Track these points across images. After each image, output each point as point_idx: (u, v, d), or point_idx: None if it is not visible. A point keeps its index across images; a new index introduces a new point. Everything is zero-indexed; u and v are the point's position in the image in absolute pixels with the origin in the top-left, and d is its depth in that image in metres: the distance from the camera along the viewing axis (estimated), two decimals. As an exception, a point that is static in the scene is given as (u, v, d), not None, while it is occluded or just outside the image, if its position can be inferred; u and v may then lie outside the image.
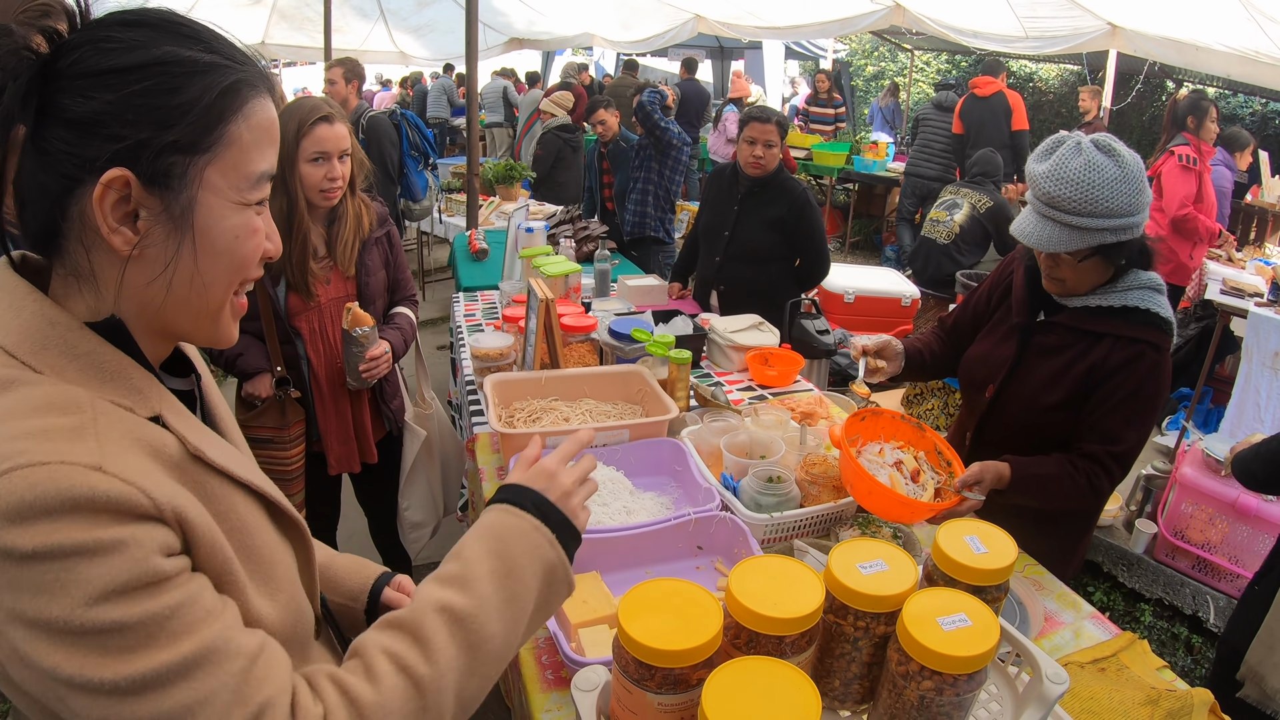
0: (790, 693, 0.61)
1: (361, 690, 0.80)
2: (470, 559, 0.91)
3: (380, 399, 2.70)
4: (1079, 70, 9.92)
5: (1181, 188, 4.68)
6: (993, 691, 0.87)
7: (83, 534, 0.68)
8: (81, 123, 0.73)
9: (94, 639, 0.68)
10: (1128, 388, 1.86)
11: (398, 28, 10.47)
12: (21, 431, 0.70)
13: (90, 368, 0.78)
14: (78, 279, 0.80)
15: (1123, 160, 1.76)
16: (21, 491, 0.67)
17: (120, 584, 0.69)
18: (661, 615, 0.69)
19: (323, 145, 2.28)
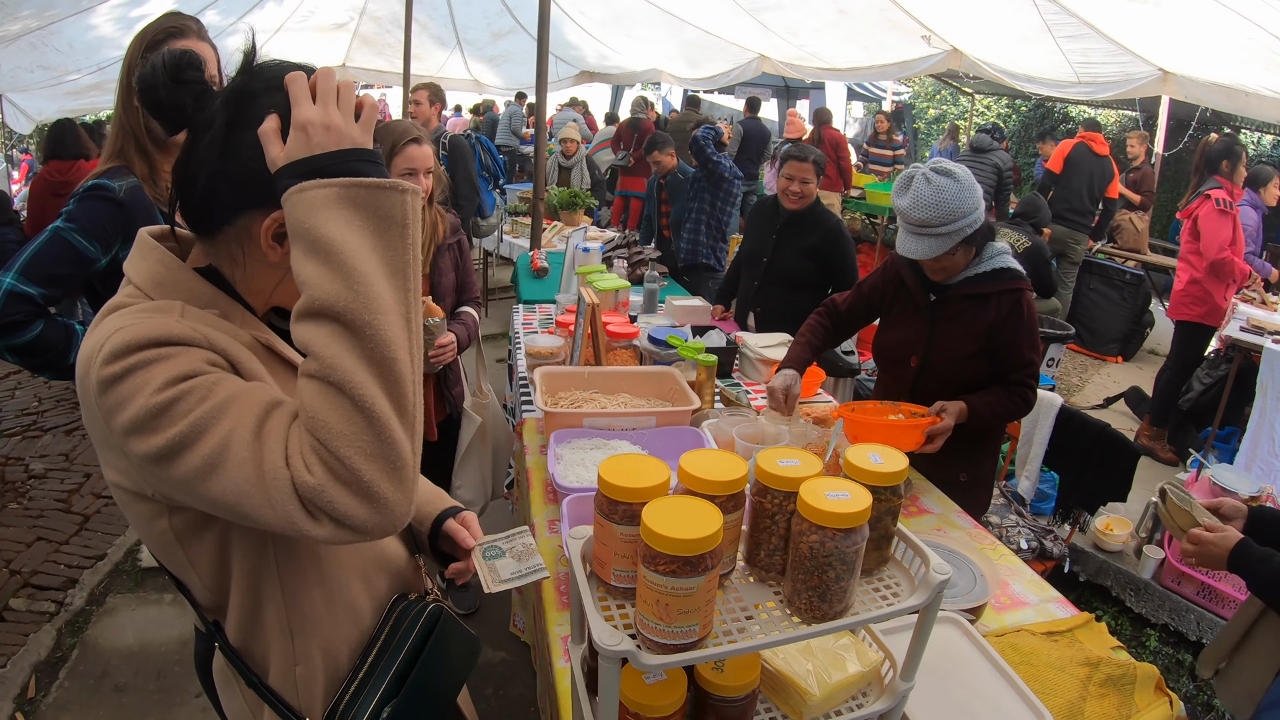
0: (704, 511, 0.89)
1: (301, 412, 0.90)
2: (308, 270, 0.91)
3: (444, 384, 3.06)
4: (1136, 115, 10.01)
5: (1221, 232, 4.79)
6: (897, 582, 1.16)
7: (156, 354, 0.92)
8: (261, 174, 0.95)
9: (162, 416, 0.89)
10: (1019, 324, 2.47)
11: (473, 57, 10.93)
12: (132, 315, 0.98)
13: (191, 296, 1.04)
14: (221, 259, 1.08)
15: (957, 176, 2.32)
16: (122, 338, 0.92)
17: (179, 373, 0.92)
18: (629, 471, 0.97)
19: (412, 163, 2.66)
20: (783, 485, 1.03)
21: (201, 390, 0.92)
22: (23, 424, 5.50)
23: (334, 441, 0.88)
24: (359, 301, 0.89)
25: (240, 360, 1.00)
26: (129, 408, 0.91)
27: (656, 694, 1.00)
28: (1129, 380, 6.19)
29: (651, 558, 0.87)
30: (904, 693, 1.17)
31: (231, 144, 0.99)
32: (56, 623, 3.43)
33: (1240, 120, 10.03)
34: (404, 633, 1.21)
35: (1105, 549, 3.70)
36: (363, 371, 0.89)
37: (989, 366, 2.53)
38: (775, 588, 1.09)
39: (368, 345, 0.89)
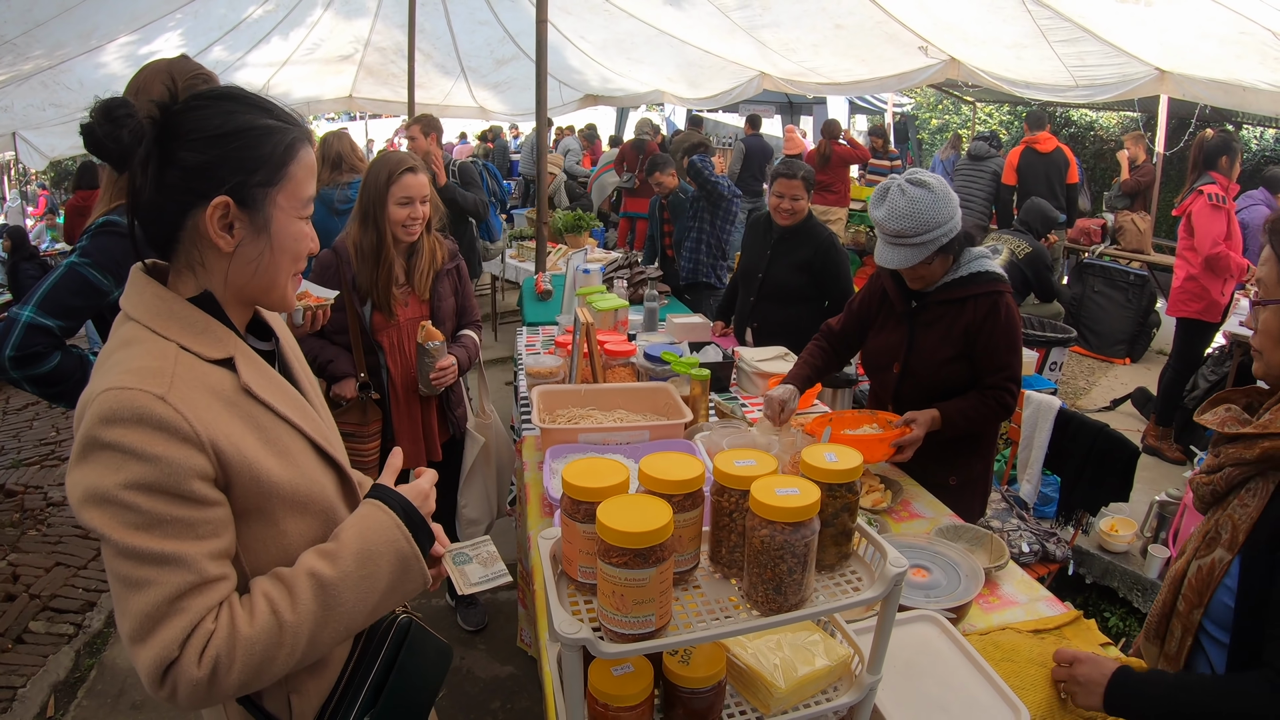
0: (656, 507, 0.95)
1: (242, 624, 1.07)
2: (344, 539, 1.18)
3: (446, 406, 3.14)
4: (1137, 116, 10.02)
5: (1213, 227, 4.83)
6: (859, 577, 1.21)
7: (137, 441, 1.02)
8: (196, 168, 1.11)
9: (117, 509, 1.01)
10: (998, 328, 2.50)
11: (477, 84, 11.03)
12: (127, 369, 1.07)
13: (185, 325, 1.14)
14: (189, 268, 1.17)
15: (932, 187, 2.38)
16: (111, 403, 1.02)
17: (147, 482, 1.02)
18: (590, 473, 1.03)
19: (409, 191, 2.76)
20: (738, 484, 1.09)
21: (162, 528, 1.04)
22: (41, 453, 5.64)
23: (247, 664, 1.06)
24: (353, 611, 1.16)
25: (223, 448, 1.09)
26: (99, 476, 1.02)
27: (624, 685, 1.06)
28: (1136, 382, 6.19)
29: (606, 551, 0.93)
30: (870, 685, 1.21)
31: (165, 154, 1.11)
32: (75, 644, 3.52)
33: (1240, 116, 10.02)
34: (376, 645, 1.32)
35: (1110, 550, 3.72)
36: (319, 646, 1.13)
37: (970, 371, 2.58)
38: (738, 583, 1.14)
39: (324, 633, 1.13)
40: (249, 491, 1.13)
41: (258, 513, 1.15)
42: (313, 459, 1.25)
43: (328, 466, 1.29)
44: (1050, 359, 5.02)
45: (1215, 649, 1.51)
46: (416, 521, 1.26)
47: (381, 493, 1.27)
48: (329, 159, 4.25)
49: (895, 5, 6.33)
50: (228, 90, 1.19)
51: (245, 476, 1.12)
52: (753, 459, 1.11)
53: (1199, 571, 1.51)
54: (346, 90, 10.93)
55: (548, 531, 1.14)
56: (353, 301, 2.85)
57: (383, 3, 8.59)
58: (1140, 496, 3.47)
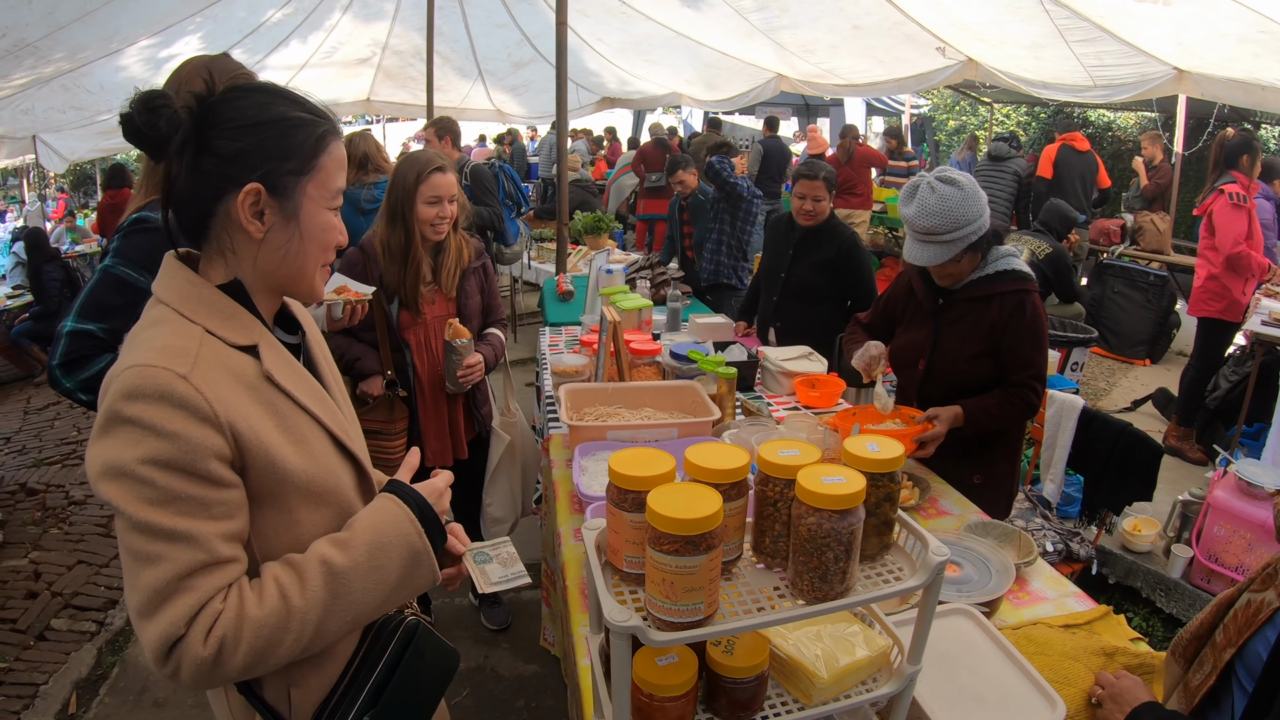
0: (705, 495, 0.96)
1: (251, 605, 1.09)
2: (356, 530, 1.21)
3: (472, 404, 3.16)
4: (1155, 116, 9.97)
5: (1235, 226, 4.81)
6: (900, 567, 1.21)
7: (158, 417, 1.04)
8: (230, 155, 1.15)
9: (133, 483, 1.03)
10: (1024, 326, 2.51)
11: (495, 87, 11.09)
12: (152, 346, 1.10)
13: (214, 311, 1.17)
14: (219, 255, 1.21)
15: (962, 184, 2.41)
16: (135, 379, 1.05)
17: (165, 458, 1.04)
18: (637, 463, 1.05)
19: (437, 190, 2.78)
20: (783, 473, 1.10)
21: (176, 505, 1.05)
22: (62, 452, 5.71)
23: (254, 646, 1.08)
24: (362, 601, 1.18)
25: (241, 431, 1.11)
26: (118, 450, 1.05)
27: (668, 675, 1.07)
28: (1157, 382, 6.16)
29: (657, 539, 0.94)
30: (911, 675, 1.22)
31: (201, 142, 1.14)
32: (97, 642, 3.56)
33: (1259, 115, 9.94)
34: (382, 644, 1.31)
35: (1134, 550, 3.70)
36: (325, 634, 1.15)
37: (995, 369, 2.58)
38: (781, 573, 1.16)
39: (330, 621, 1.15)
40: (264, 477, 1.15)
41: (271, 499, 1.17)
42: (331, 451, 1.27)
43: (346, 460, 1.31)
44: (1072, 359, 5.01)
45: (1241, 696, 1.39)
46: (429, 517, 1.28)
47: (396, 487, 1.29)
48: (355, 159, 4.29)
49: (913, 6, 6.33)
50: (263, 84, 1.23)
51: (261, 462, 1.14)
52: (796, 449, 1.12)
53: (1247, 607, 1.41)
54: (364, 93, 11.00)
55: (592, 522, 1.16)
56: (380, 299, 2.88)
57: (401, 6, 8.65)
58: (1162, 497, 3.45)
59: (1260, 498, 3.23)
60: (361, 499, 1.32)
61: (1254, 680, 1.34)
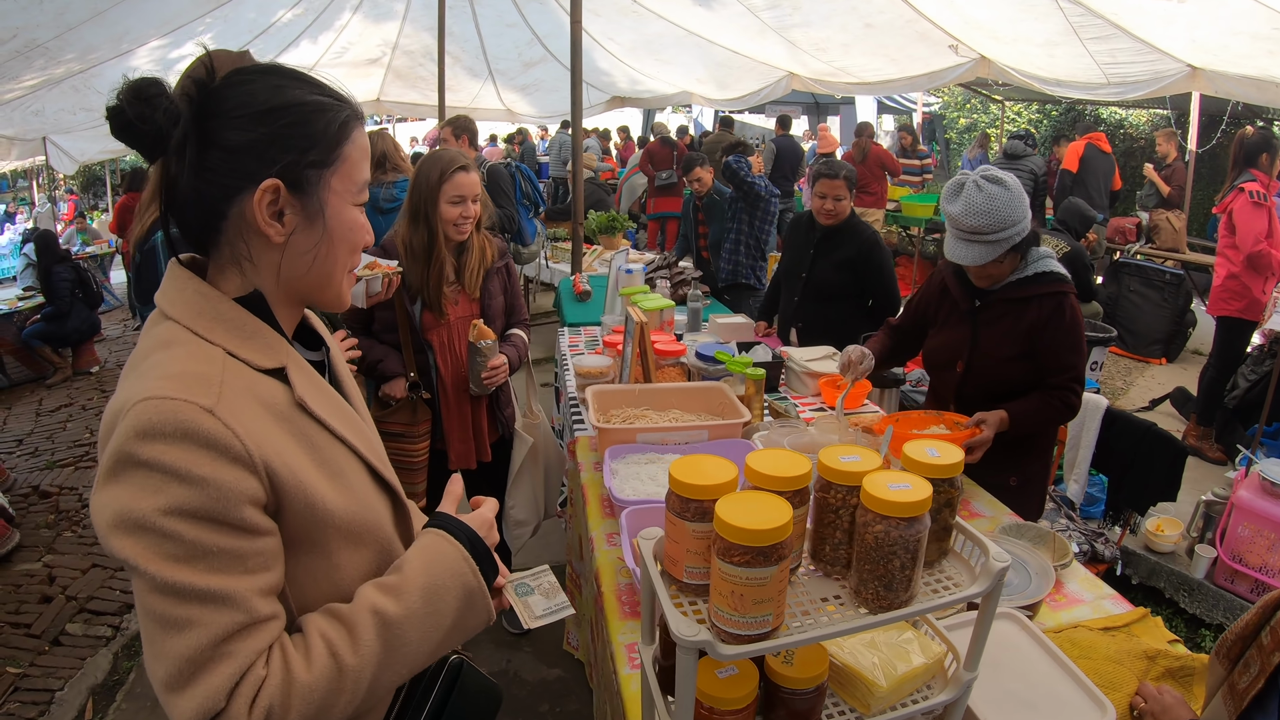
0: (774, 504, 0.94)
1: (298, 669, 0.96)
2: (408, 573, 1.08)
3: (495, 405, 3.15)
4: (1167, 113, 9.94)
5: (1255, 224, 4.79)
6: (957, 573, 1.20)
7: (184, 462, 0.90)
8: (241, 147, 1.00)
9: (154, 538, 0.89)
10: (1062, 327, 2.50)
11: (505, 87, 11.10)
12: (167, 374, 0.94)
13: (233, 328, 1.02)
14: (234, 265, 1.06)
15: (1008, 185, 2.39)
16: (150, 415, 0.90)
17: (191, 508, 0.90)
18: (699, 470, 1.02)
19: (460, 189, 2.76)
20: (846, 480, 1.08)
21: (207, 561, 0.91)
22: (75, 454, 5.72)
23: (304, 713, 0.96)
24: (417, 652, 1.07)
25: (276, 469, 0.98)
26: (133, 498, 0.90)
27: (730, 687, 1.06)
28: (1173, 381, 6.13)
29: (726, 550, 0.93)
30: (968, 683, 1.21)
31: (205, 135, 1.01)
32: (113, 647, 3.55)
33: (1272, 112, 9.90)
34: (426, 686, 1.23)
35: (1157, 550, 3.68)
36: (379, 690, 1.04)
37: (1033, 370, 2.57)
38: (841, 581, 1.14)
39: (386, 675, 1.04)
40: (302, 519, 1.02)
41: (309, 543, 1.04)
42: (369, 484, 1.15)
43: (383, 492, 1.19)
44: (1091, 359, 4.98)
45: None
46: (481, 553, 1.17)
47: (445, 522, 1.18)
48: (374, 158, 4.28)
49: (926, 4, 6.32)
50: (272, 65, 1.08)
51: (299, 503, 1.01)
52: (857, 454, 1.11)
53: None
54: (374, 93, 11.00)
55: (648, 531, 1.14)
56: (403, 300, 2.87)
57: (411, 6, 8.65)
58: (1183, 497, 3.43)
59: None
60: (399, 533, 1.21)
61: None
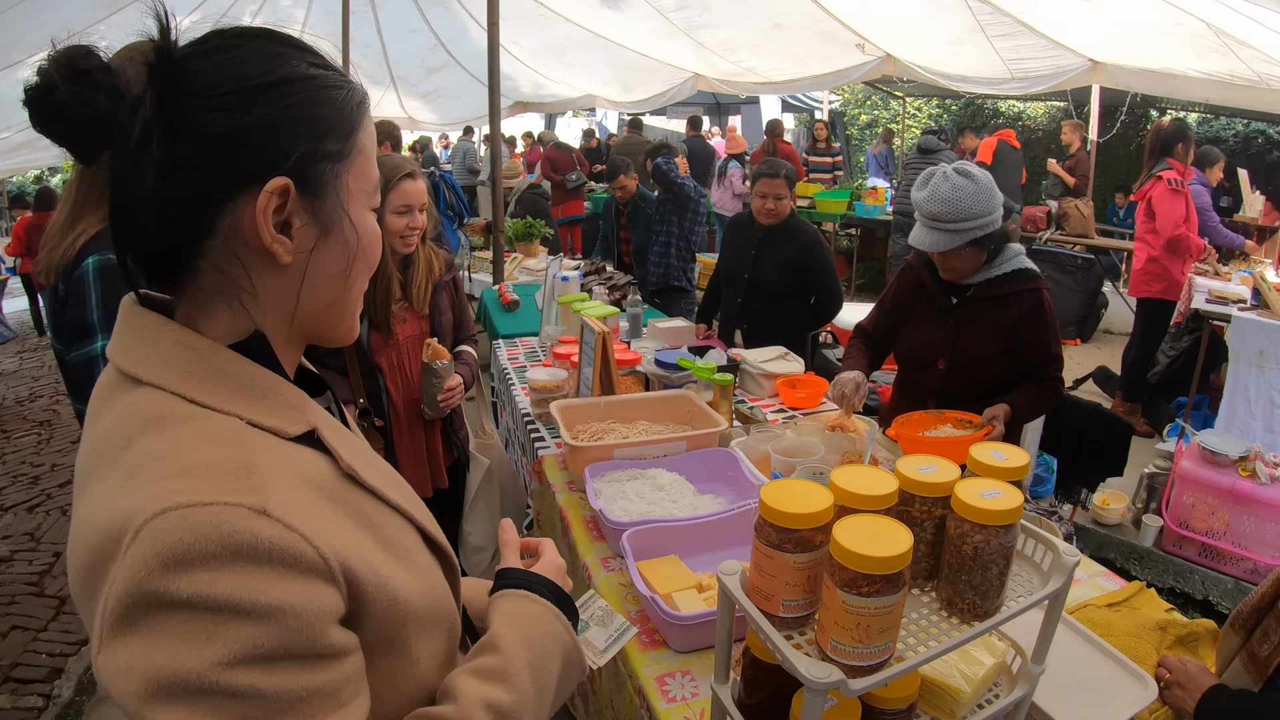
0: (889, 527, 0.89)
1: None
2: (508, 650, 0.90)
3: (449, 428, 3.00)
4: (1065, 106, 10.42)
5: (1174, 210, 5.02)
6: (1022, 573, 1.17)
7: (243, 590, 0.65)
8: (231, 136, 0.73)
9: (219, 701, 0.64)
10: (1042, 321, 2.59)
11: (407, 94, 10.89)
12: (179, 468, 0.68)
13: (240, 388, 0.76)
14: (222, 297, 0.79)
15: (977, 179, 2.45)
16: (180, 534, 0.64)
17: (268, 650, 0.66)
18: (794, 499, 0.96)
19: (407, 199, 2.61)
20: (931, 491, 1.04)
21: (294, 711, 0.68)
22: (-20, 502, 5.26)
23: None
24: None
25: (355, 569, 0.75)
26: (178, 653, 0.64)
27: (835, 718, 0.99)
28: (1090, 361, 6.39)
29: (853, 581, 0.86)
30: (1038, 676, 1.20)
31: (176, 120, 0.73)
32: (46, 718, 3.26)
33: (1165, 102, 10.49)
34: None
35: (1105, 523, 3.79)
36: None
37: (1012, 365, 2.62)
38: (923, 594, 1.10)
39: None
40: (384, 620, 0.79)
41: (388, 644, 0.81)
42: (427, 554, 0.91)
43: (436, 557, 0.94)
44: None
45: None
46: (565, 603, 1.02)
47: (524, 580, 1.01)
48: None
49: (835, 4, 6.44)
50: (260, 28, 0.81)
51: (382, 602, 0.78)
52: (934, 464, 1.06)
53: None
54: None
55: (728, 565, 1.06)
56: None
57: (311, 11, 8.36)
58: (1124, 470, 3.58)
59: (1224, 465, 3.36)
60: (454, 595, 0.97)
61: None
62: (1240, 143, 12.02)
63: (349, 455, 0.82)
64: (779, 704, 1.05)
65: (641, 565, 1.84)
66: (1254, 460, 3.34)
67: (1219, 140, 11.88)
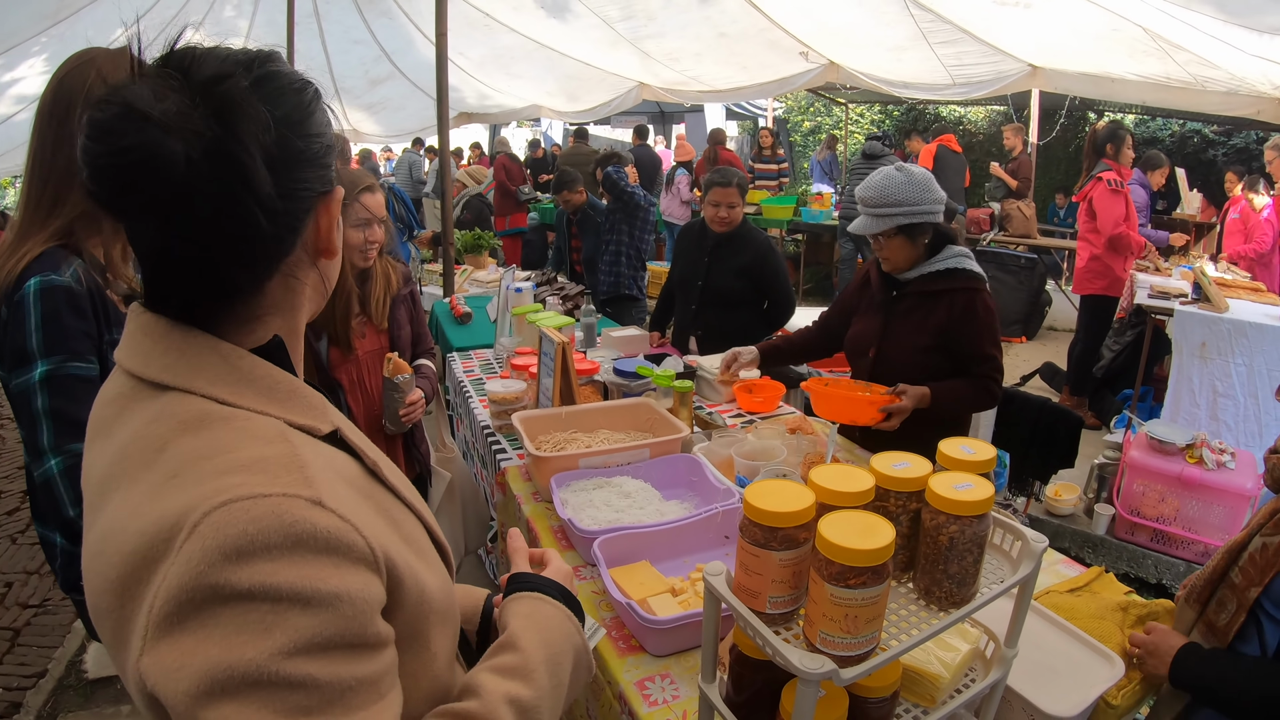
0: (869, 521, 0.92)
1: None
2: (526, 649, 0.94)
3: (411, 443, 2.97)
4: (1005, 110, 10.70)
5: (1113, 209, 5.21)
6: (993, 562, 1.20)
7: (303, 579, 0.67)
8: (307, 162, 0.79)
9: (273, 693, 0.65)
10: (978, 323, 2.65)
11: (351, 105, 10.71)
12: (232, 464, 0.70)
13: (268, 390, 0.78)
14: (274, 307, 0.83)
15: (911, 173, 2.61)
16: (243, 525, 0.65)
17: (325, 639, 0.67)
18: (778, 498, 0.98)
19: (367, 211, 2.59)
20: (905, 486, 1.07)
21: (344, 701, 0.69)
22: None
23: None
24: None
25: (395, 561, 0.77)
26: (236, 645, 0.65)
27: (825, 711, 1.02)
28: (1036, 358, 6.56)
29: (841, 574, 0.88)
30: (1011, 659, 1.24)
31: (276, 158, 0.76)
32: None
33: (1103, 104, 10.82)
34: None
35: (1058, 514, 3.90)
36: None
37: (945, 363, 2.70)
38: (900, 585, 1.13)
39: None
40: (414, 613, 0.82)
41: (413, 638, 0.83)
42: (435, 552, 0.94)
43: (439, 553, 0.96)
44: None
45: (1271, 626, 1.52)
46: (575, 606, 1.06)
47: (538, 584, 1.06)
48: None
49: (779, 13, 6.51)
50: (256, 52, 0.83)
51: (414, 595, 0.80)
52: (907, 461, 1.09)
53: (1264, 549, 1.51)
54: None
55: (713, 566, 1.08)
56: (307, 337, 2.66)
57: (254, 24, 8.23)
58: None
59: (1171, 453, 3.48)
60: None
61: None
62: (1177, 142, 12.43)
63: (375, 456, 0.86)
64: (766, 700, 1.07)
65: (614, 572, 1.84)
66: (1200, 447, 3.46)
67: (1156, 140, 12.28)
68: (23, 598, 4.08)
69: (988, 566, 1.19)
